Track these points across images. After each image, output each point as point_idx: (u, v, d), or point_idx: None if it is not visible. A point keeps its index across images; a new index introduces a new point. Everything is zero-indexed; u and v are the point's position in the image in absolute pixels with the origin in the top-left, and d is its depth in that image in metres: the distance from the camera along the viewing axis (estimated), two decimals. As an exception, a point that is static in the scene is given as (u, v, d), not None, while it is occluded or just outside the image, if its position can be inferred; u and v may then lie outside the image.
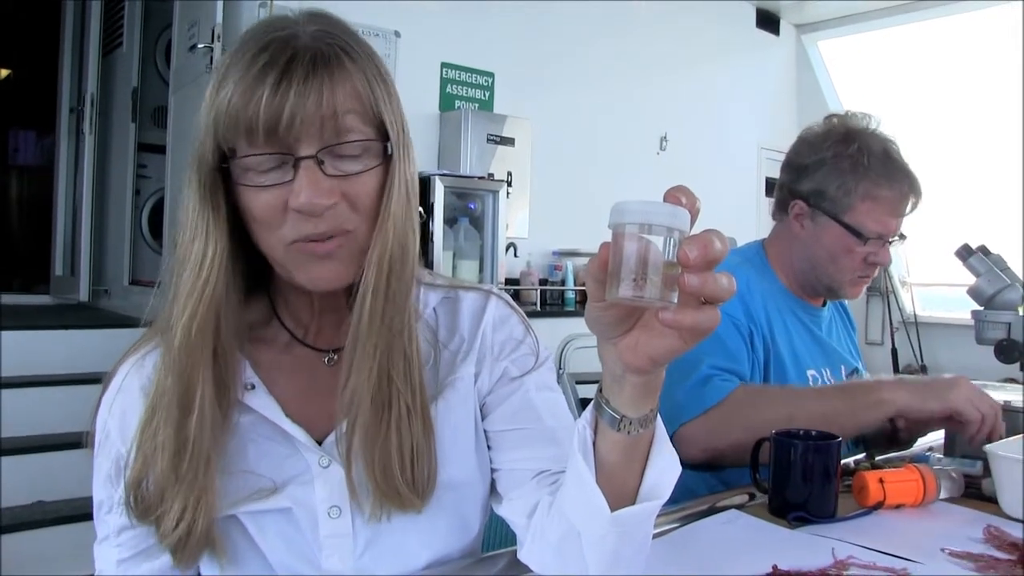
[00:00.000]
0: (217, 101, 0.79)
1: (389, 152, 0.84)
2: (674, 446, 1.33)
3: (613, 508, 0.74)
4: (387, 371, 0.85)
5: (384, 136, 0.84)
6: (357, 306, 0.84)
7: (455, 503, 0.95)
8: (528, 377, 0.98)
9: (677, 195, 0.62)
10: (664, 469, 0.76)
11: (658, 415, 0.75)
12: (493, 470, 0.98)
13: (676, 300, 0.62)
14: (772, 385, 1.54)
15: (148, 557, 0.90)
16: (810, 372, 1.64)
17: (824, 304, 1.77)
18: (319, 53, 0.79)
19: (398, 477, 0.86)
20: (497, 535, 1.20)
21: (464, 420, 0.96)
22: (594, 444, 0.75)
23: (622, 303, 0.62)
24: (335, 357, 0.94)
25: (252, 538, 0.91)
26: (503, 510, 0.96)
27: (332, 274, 0.84)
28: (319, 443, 0.90)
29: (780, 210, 1.71)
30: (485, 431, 0.98)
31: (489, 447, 0.98)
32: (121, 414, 0.90)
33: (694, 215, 0.62)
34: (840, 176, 1.58)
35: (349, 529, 0.91)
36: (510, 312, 1.01)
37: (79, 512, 2.76)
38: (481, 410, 0.98)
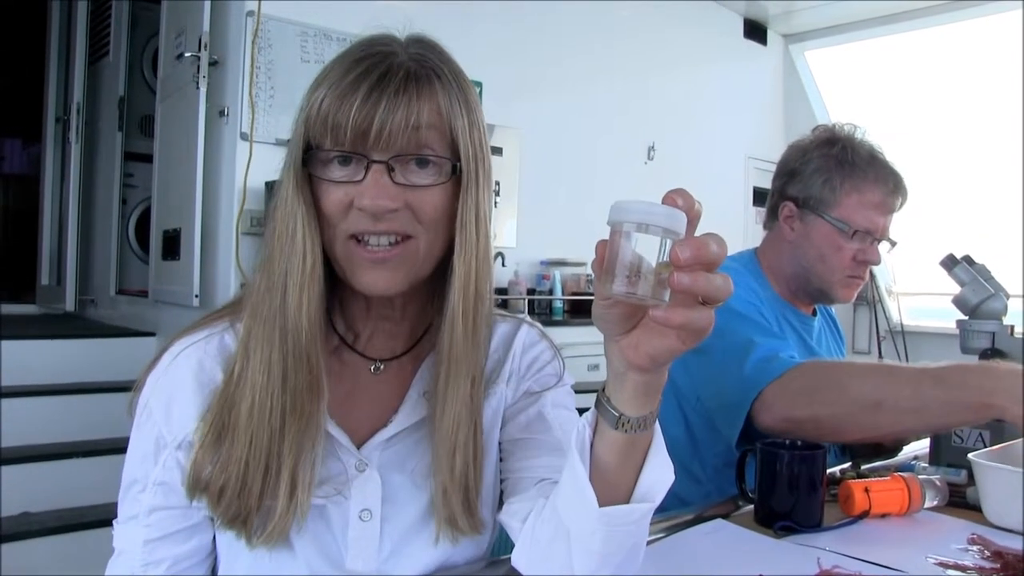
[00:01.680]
0: (311, 100, 0.85)
1: (458, 173, 0.87)
2: (754, 417, 1.33)
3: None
4: (474, 415, 0.91)
5: (457, 157, 0.87)
6: (446, 332, 0.89)
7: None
8: (546, 393, 1.02)
9: (675, 197, 0.64)
10: (659, 474, 0.78)
11: (657, 422, 0.77)
12: (501, 480, 1.01)
13: (668, 299, 0.63)
14: (855, 361, 1.42)
15: (177, 540, 0.91)
16: None
17: (815, 314, 1.78)
18: (411, 71, 0.84)
19: (475, 507, 0.92)
20: (506, 541, 1.20)
21: (491, 436, 1.00)
22: (592, 445, 0.77)
23: (615, 298, 0.64)
24: (381, 367, 0.98)
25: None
26: (502, 515, 0.97)
27: (385, 281, 0.87)
28: (357, 448, 0.93)
29: (771, 217, 1.73)
30: (500, 443, 1.02)
31: (501, 458, 1.02)
32: (167, 396, 0.91)
33: (694, 218, 0.64)
34: (826, 173, 1.61)
35: (376, 533, 0.93)
36: (539, 338, 1.07)
37: (65, 523, 2.74)
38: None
